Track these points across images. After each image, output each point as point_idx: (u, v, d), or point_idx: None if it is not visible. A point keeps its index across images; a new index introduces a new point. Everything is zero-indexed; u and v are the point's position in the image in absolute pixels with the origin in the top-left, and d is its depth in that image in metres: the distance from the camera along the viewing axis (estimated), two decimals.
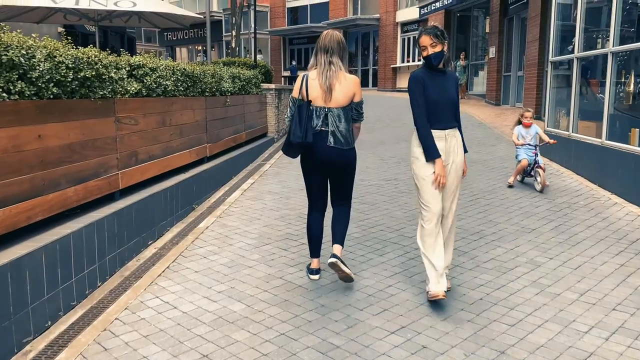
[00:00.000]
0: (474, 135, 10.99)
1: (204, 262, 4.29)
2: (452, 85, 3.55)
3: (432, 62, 3.45)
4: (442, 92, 3.47)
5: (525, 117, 6.85)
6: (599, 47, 7.39)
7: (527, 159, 6.64)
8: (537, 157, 6.60)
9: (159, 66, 5.22)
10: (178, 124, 5.71)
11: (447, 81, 3.51)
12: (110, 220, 4.05)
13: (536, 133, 6.82)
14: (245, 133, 8.66)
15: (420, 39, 3.48)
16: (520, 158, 6.72)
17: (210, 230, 5.11)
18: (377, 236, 4.88)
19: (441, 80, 3.49)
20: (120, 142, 4.45)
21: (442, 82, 3.49)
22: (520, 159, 6.69)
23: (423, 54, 3.48)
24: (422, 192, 3.47)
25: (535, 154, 6.63)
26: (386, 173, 7.59)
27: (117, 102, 4.37)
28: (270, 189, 6.80)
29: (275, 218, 5.49)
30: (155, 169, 5.16)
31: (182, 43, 37.72)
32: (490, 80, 17.30)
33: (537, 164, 6.56)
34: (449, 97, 3.49)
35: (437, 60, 3.45)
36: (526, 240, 4.75)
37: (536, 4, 13.14)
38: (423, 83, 3.45)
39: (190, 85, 6.09)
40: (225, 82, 7.47)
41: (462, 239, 4.75)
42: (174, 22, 11.49)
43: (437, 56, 3.44)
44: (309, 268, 3.99)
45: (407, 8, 25.38)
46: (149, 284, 3.84)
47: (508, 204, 5.93)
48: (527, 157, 6.66)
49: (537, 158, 6.59)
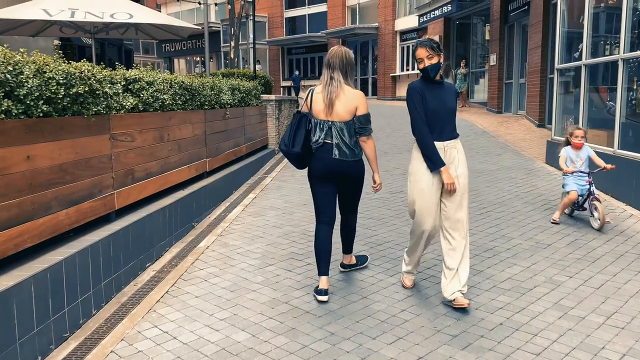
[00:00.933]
0: (478, 144, 10.80)
1: (204, 285, 4.06)
2: (451, 96, 3.57)
3: (430, 74, 3.49)
4: (441, 103, 3.49)
5: (576, 137, 5.53)
6: (608, 53, 7.22)
7: (577, 189, 5.38)
8: (591, 187, 5.33)
9: (156, 80, 5.02)
10: (176, 139, 5.50)
11: (445, 92, 3.54)
12: (105, 243, 3.82)
13: (588, 156, 5.53)
14: (246, 146, 8.46)
15: (417, 52, 3.51)
16: (568, 189, 5.42)
17: (211, 250, 4.89)
18: (386, 254, 4.66)
19: (439, 91, 3.51)
20: (116, 160, 4.24)
21: (440, 93, 3.51)
22: (568, 190, 5.40)
23: (419, 66, 3.52)
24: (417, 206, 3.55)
25: (589, 182, 5.36)
26: (391, 185, 7.38)
27: (112, 118, 4.17)
28: (273, 204, 6.58)
29: (279, 236, 5.27)
30: (153, 187, 4.95)
31: (181, 54, 37.69)
32: (492, 88, 17.14)
33: (592, 194, 5.29)
34: (448, 108, 3.51)
35: (433, 72, 3.49)
36: (542, 257, 4.53)
37: (537, 11, 13.01)
38: (422, 94, 3.48)
39: (188, 99, 5.89)
40: (225, 95, 7.28)
41: (476, 257, 4.53)
42: (172, 33, 11.32)
43: (433, 68, 3.47)
44: (316, 289, 3.77)
45: (406, 16, 25.30)
46: (147, 312, 3.61)
47: (520, 217, 5.72)
48: (578, 187, 5.39)
49: (591, 188, 5.33)
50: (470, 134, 12.12)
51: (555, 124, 8.57)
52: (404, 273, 3.97)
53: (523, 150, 10.03)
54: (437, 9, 19.11)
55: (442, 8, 18.63)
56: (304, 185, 7.59)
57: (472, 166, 8.60)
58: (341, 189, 3.86)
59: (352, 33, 27.22)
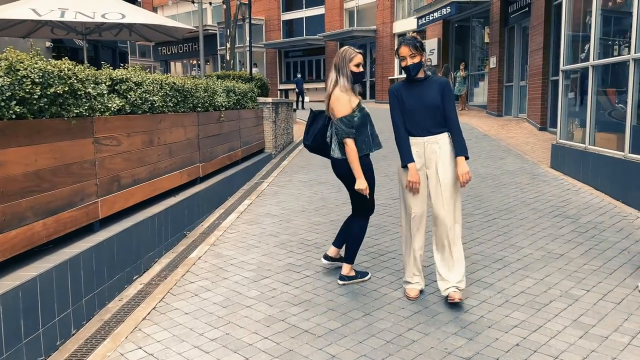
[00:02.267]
0: (480, 148, 10.54)
1: (195, 300, 3.77)
2: (432, 92, 3.53)
3: (411, 73, 3.52)
4: (419, 101, 3.52)
5: None
6: (616, 54, 6.97)
7: None
8: None
9: (145, 80, 4.74)
10: (167, 143, 5.22)
11: (425, 89, 3.54)
12: (87, 256, 3.53)
13: None
14: (242, 150, 8.18)
15: (400, 50, 3.54)
16: None
17: (203, 261, 4.60)
18: (389, 266, 4.37)
19: (419, 89, 3.55)
20: (100, 166, 3.95)
21: (420, 90, 3.54)
22: None
23: (402, 64, 3.55)
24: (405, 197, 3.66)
25: None
26: (392, 191, 7.10)
27: (95, 121, 3.88)
28: (269, 210, 6.30)
29: (275, 245, 4.98)
30: (141, 194, 4.66)
31: (177, 57, 37.42)
32: (492, 91, 16.92)
33: None
34: (426, 105, 3.51)
35: (415, 71, 3.52)
36: (555, 268, 4.26)
37: (539, 12, 12.78)
38: (398, 94, 3.58)
39: (180, 101, 5.61)
40: (219, 97, 7.00)
41: (485, 268, 4.25)
42: (166, 34, 11.04)
43: (415, 67, 3.50)
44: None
45: (405, 19, 25.11)
46: (132, 331, 3.32)
47: (528, 224, 5.44)
48: None
49: None
50: (472, 138, 11.86)
51: (560, 127, 8.31)
52: (405, 283, 3.81)
53: (526, 154, 9.78)
54: (436, 12, 18.88)
55: (441, 10, 18.39)
56: (301, 190, 7.31)
57: (475, 170, 8.33)
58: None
59: (350, 36, 27.01)
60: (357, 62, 3.68)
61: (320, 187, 7.50)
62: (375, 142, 3.81)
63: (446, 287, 3.57)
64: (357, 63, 3.68)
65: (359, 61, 3.68)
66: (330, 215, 5.97)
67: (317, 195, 6.99)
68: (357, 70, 3.69)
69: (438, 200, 3.53)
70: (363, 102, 3.91)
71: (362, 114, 3.72)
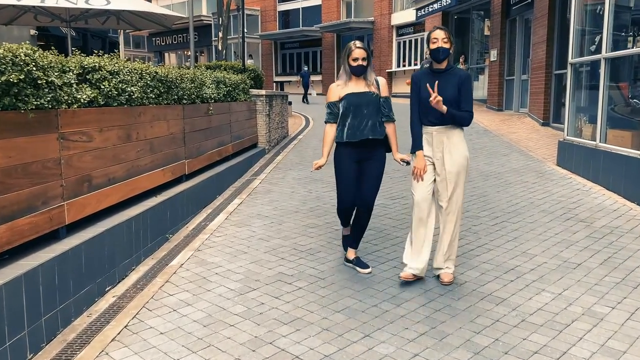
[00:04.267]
0: (481, 144, 10.14)
1: (173, 317, 3.35)
2: (452, 85, 3.58)
3: (440, 55, 3.56)
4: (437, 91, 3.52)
5: None
6: (630, 46, 6.55)
7: None
8: None
9: (122, 69, 4.29)
10: (147, 138, 4.77)
11: (445, 81, 3.57)
12: (48, 268, 3.10)
13: None
14: (232, 145, 7.73)
15: (434, 32, 3.59)
16: None
17: (185, 269, 4.18)
18: (390, 276, 3.96)
19: (439, 79, 3.55)
20: (67, 165, 3.51)
21: (439, 81, 3.53)
22: None
23: (431, 46, 3.59)
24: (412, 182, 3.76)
25: None
26: (391, 190, 6.68)
27: (61, 114, 3.44)
28: (260, 211, 5.87)
29: (265, 251, 4.56)
30: (117, 195, 4.22)
31: (171, 48, 36.77)
32: (492, 85, 16.49)
33: None
34: (443, 96, 3.49)
35: (444, 55, 3.57)
36: (574, 280, 3.86)
37: (543, 4, 12.34)
38: (418, 82, 3.69)
39: (163, 92, 5.16)
40: (208, 88, 6.55)
41: (496, 280, 3.85)
42: (156, 23, 10.57)
43: (445, 51, 3.56)
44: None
45: (403, 11, 24.62)
46: (97, 356, 2.90)
47: (540, 229, 5.04)
48: None
49: None
50: (472, 133, 11.45)
51: (568, 123, 7.89)
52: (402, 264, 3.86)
53: (530, 150, 9.38)
54: (436, 3, 18.41)
55: (441, 1, 17.93)
56: (295, 188, 6.89)
57: (479, 167, 7.93)
58: None
59: (347, 27, 26.50)
60: (353, 56, 3.87)
61: (315, 185, 7.08)
62: (349, 133, 3.89)
63: (437, 266, 3.83)
64: (354, 57, 3.87)
65: (354, 55, 3.86)
66: (325, 217, 5.55)
67: (311, 194, 6.57)
68: (354, 64, 3.88)
69: (442, 189, 3.67)
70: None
71: (346, 104, 3.89)
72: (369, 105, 3.88)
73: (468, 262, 4.22)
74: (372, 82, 3.94)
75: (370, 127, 3.87)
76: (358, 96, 3.88)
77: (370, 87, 3.92)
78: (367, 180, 3.96)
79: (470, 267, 4.10)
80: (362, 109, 3.86)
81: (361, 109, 3.86)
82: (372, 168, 3.97)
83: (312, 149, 10.23)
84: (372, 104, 3.89)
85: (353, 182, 3.95)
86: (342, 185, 3.98)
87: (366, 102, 3.87)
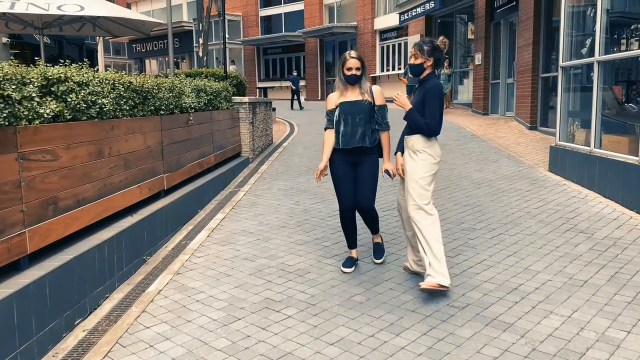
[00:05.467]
0: (470, 149, 9.92)
1: (149, 355, 3.02)
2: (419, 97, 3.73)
3: (411, 71, 3.82)
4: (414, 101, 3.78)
5: None
6: (624, 48, 6.38)
7: None
8: None
9: (92, 79, 3.95)
10: (121, 154, 4.43)
11: (418, 92, 3.78)
12: (4, 306, 2.75)
13: None
14: (214, 155, 7.40)
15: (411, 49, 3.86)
16: None
17: (163, 296, 3.84)
18: (386, 300, 3.67)
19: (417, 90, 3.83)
20: (29, 187, 3.17)
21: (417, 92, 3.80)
22: None
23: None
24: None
25: None
26: (380, 201, 6.38)
27: (20, 131, 3.09)
28: (245, 226, 5.54)
29: (250, 272, 4.24)
30: (88, 217, 3.88)
31: (152, 55, 36.20)
32: (477, 89, 16.36)
33: None
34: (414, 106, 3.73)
35: (412, 71, 3.80)
36: (582, 299, 3.61)
37: (528, 6, 12.22)
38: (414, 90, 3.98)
39: (139, 103, 4.82)
40: (188, 97, 6.22)
41: (500, 301, 3.58)
42: (133, 29, 10.19)
43: (412, 67, 3.78)
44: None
45: (386, 15, 24.47)
46: None
47: (539, 241, 4.79)
48: None
49: None
50: (460, 138, 11.27)
51: (560, 127, 7.71)
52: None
53: (520, 155, 9.19)
54: (419, 6, 18.28)
55: (425, 5, 17.79)
56: (281, 201, 6.58)
57: (469, 175, 7.71)
58: None
59: (329, 32, 26.29)
60: (347, 66, 4.01)
61: (302, 196, 6.78)
62: (343, 140, 4.03)
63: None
64: (348, 67, 4.01)
65: (348, 65, 4.00)
66: (314, 232, 5.25)
67: (299, 207, 6.26)
68: (348, 73, 4.01)
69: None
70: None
71: (339, 112, 4.04)
72: (362, 113, 4.00)
73: (469, 281, 3.95)
74: (367, 91, 4.05)
75: (361, 135, 4.00)
76: (351, 104, 4.02)
77: (364, 95, 4.03)
78: (362, 183, 4.08)
79: (471, 287, 3.83)
80: (355, 117, 3.99)
81: (354, 117, 4.00)
82: (366, 172, 4.08)
83: (297, 157, 9.93)
84: (364, 112, 4.00)
85: (351, 184, 4.10)
86: (341, 188, 4.12)
87: (359, 111, 4.00)
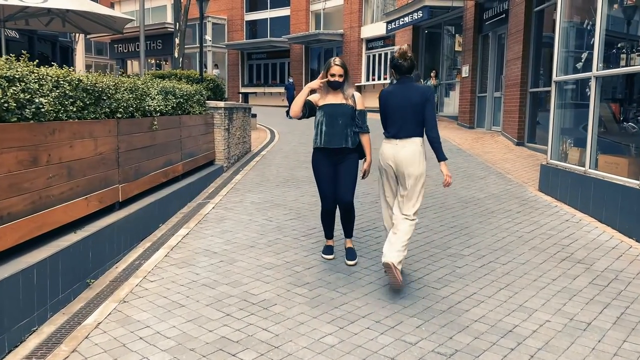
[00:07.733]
0: (456, 164, 9.50)
1: None
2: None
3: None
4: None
5: None
6: (624, 63, 6.00)
7: None
8: None
9: (26, 75, 3.38)
10: (64, 161, 3.86)
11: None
12: None
13: None
14: (183, 164, 6.83)
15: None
16: None
17: (102, 330, 3.27)
18: (362, 344, 3.14)
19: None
20: None
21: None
22: None
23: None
24: None
25: None
26: (360, 219, 5.86)
27: None
28: (208, 245, 4.98)
29: (208, 303, 3.69)
30: (14, 236, 3.29)
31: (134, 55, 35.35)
32: (463, 102, 16.04)
33: None
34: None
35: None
36: (587, 347, 3.13)
37: (518, 19, 11.91)
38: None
39: (90, 104, 4.26)
40: (152, 100, 5.66)
41: (493, 347, 3.08)
42: (104, 25, 9.58)
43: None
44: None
45: (373, 24, 24.16)
46: None
47: (534, 272, 4.33)
48: None
49: None
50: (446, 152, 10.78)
51: (552, 145, 7.31)
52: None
53: (508, 172, 8.78)
54: (407, 16, 17.93)
55: (412, 15, 17.44)
56: (253, 216, 6.02)
57: (456, 192, 7.26)
58: None
59: (315, 39, 25.88)
60: (331, 72, 4.27)
61: (276, 211, 6.24)
62: (325, 140, 4.28)
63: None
64: (331, 73, 4.27)
65: (332, 71, 4.26)
66: (285, 254, 4.72)
67: (271, 223, 5.71)
68: (331, 78, 4.27)
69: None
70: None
71: (322, 113, 4.30)
72: (344, 116, 4.28)
73: (457, 320, 3.45)
74: (349, 96, 4.33)
75: (342, 136, 4.27)
76: (333, 107, 4.30)
77: (347, 100, 4.31)
78: (341, 179, 4.32)
79: (460, 329, 3.33)
80: (338, 119, 4.27)
81: (336, 119, 4.27)
82: (345, 168, 4.32)
83: (275, 166, 9.39)
84: (346, 116, 4.28)
85: (331, 181, 4.35)
86: (322, 185, 4.39)
87: (341, 113, 4.28)
